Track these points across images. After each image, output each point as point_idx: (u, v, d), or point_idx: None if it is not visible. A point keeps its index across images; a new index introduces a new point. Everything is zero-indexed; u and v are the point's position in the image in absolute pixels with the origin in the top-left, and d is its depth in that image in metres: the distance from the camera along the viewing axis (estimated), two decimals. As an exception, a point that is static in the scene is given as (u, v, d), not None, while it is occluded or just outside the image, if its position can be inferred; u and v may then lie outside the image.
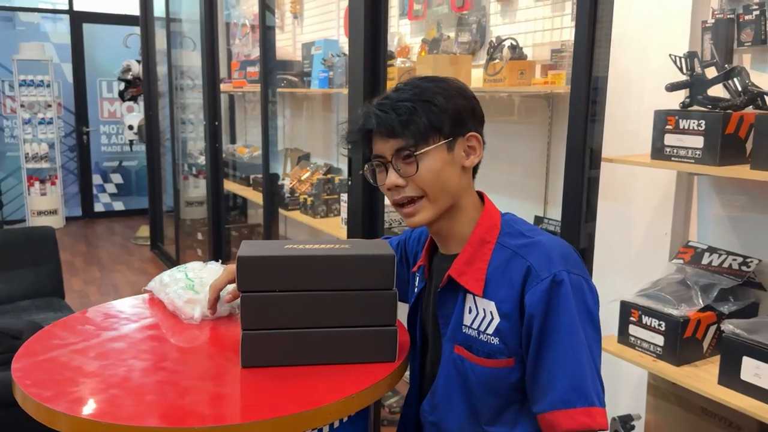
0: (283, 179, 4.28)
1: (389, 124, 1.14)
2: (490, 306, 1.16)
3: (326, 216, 3.70)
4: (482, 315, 1.17)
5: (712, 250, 1.93)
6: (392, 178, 1.17)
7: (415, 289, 1.36)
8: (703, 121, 1.61)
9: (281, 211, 4.02)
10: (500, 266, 1.17)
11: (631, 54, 2.14)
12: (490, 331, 1.16)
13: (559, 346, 1.09)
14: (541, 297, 1.11)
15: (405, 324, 1.39)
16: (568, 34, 2.50)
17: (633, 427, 2.08)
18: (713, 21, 1.90)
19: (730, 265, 1.86)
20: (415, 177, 1.16)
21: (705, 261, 1.92)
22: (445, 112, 1.16)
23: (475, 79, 2.65)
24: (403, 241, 1.48)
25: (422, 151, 1.15)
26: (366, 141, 1.21)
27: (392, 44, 3.25)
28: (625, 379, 2.23)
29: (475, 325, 1.17)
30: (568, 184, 1.52)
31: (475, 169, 1.27)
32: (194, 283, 1.41)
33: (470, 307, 1.18)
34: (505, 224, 1.22)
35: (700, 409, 1.93)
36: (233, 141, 5.83)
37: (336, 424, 1.13)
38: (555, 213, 2.73)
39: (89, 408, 1.05)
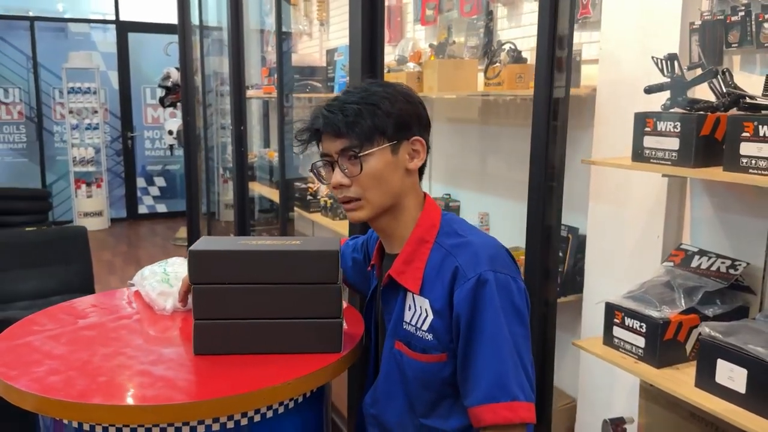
0: (319, 183, 4.36)
1: (335, 124, 1.20)
2: (425, 304, 1.20)
3: (345, 218, 3.76)
4: (419, 312, 1.21)
5: (702, 252, 1.92)
6: (337, 177, 1.22)
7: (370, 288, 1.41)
8: (679, 123, 1.61)
9: (303, 213, 4.11)
10: (435, 265, 1.21)
11: (622, 57, 2.14)
12: (425, 327, 1.20)
13: (484, 343, 1.13)
14: (467, 296, 1.15)
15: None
16: (568, 38, 2.51)
17: (624, 430, 2.07)
18: (701, 23, 1.89)
19: (718, 268, 1.85)
20: (359, 177, 1.21)
21: (694, 264, 1.91)
22: (389, 116, 1.21)
23: (481, 82, 2.67)
24: (365, 241, 1.53)
25: (366, 152, 1.20)
26: (317, 140, 1.27)
27: (406, 49, 3.31)
28: (621, 382, 2.23)
29: (413, 322, 1.22)
30: (531, 191, 1.54)
31: (421, 171, 1.30)
32: (169, 277, 1.49)
33: (410, 305, 1.23)
34: (445, 224, 1.26)
35: (688, 413, 1.92)
36: (267, 145, 5.97)
37: (289, 406, 1.19)
38: (557, 216, 2.73)
39: (45, 386, 1.14)
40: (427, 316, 1.20)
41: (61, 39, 7.60)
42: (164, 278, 1.49)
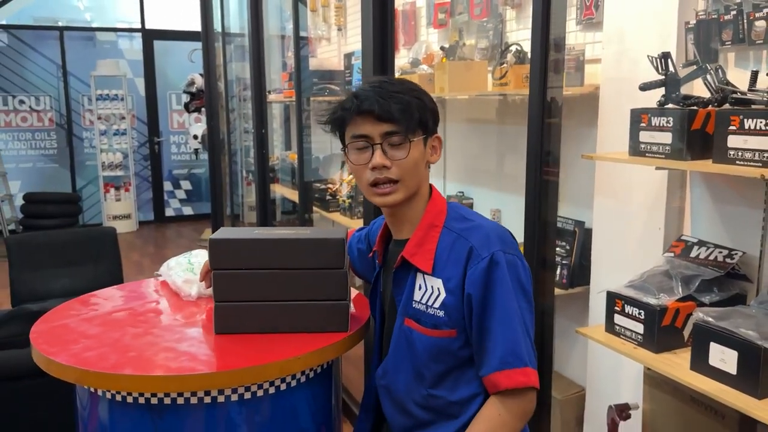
0: (340, 184, 4.47)
1: (388, 110, 1.27)
2: (438, 283, 1.30)
3: (362, 217, 3.87)
4: (430, 291, 1.31)
5: (701, 243, 1.99)
6: (380, 159, 1.29)
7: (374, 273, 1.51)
8: (671, 118, 1.69)
9: (323, 212, 4.23)
10: (447, 247, 1.31)
11: (623, 56, 2.22)
12: (437, 305, 1.30)
13: (497, 317, 1.24)
14: (480, 275, 1.26)
15: None
16: (573, 39, 2.59)
17: (629, 416, 2.13)
18: (695, 22, 1.97)
19: (716, 257, 1.91)
20: (401, 162, 1.30)
21: (693, 254, 1.98)
22: (430, 112, 1.34)
23: (491, 83, 2.76)
24: (367, 232, 1.64)
25: (413, 140, 1.30)
26: (342, 122, 1.34)
27: (420, 52, 3.41)
28: (626, 370, 2.29)
29: (423, 300, 1.32)
30: (528, 183, 1.64)
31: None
32: (194, 266, 1.62)
33: (420, 285, 1.33)
34: (451, 210, 1.36)
35: (689, 398, 1.99)
36: (288, 148, 6.11)
37: (301, 380, 1.31)
38: (564, 211, 2.80)
39: (82, 360, 1.27)
40: (439, 294, 1.29)
41: (89, 48, 7.84)
42: (189, 267, 1.62)
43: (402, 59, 3.65)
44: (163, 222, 8.33)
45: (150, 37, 7.99)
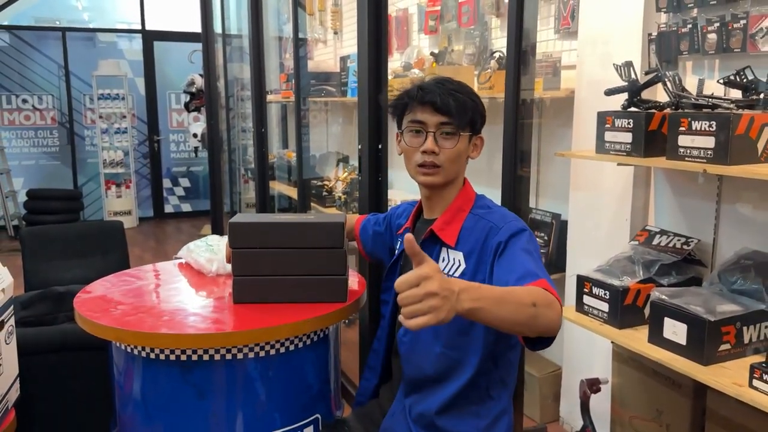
0: (336, 181, 4.67)
1: (447, 103, 1.49)
2: (459, 255, 1.51)
3: (356, 212, 4.08)
4: (452, 263, 1.52)
5: (663, 232, 2.22)
6: (431, 144, 1.51)
7: (396, 250, 1.73)
8: (631, 120, 1.91)
9: (320, 207, 4.43)
10: (470, 227, 1.52)
11: (595, 63, 2.44)
12: (457, 275, 1.50)
13: (519, 252, 1.40)
14: (501, 236, 1.44)
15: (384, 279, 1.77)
16: (551, 46, 2.82)
17: (599, 389, 2.35)
18: (657, 34, 2.19)
19: (674, 244, 2.14)
20: (448, 151, 1.51)
21: (655, 242, 2.20)
22: (480, 114, 1.55)
23: (477, 87, 2.98)
24: (389, 216, 1.87)
25: (462, 134, 1.52)
26: (404, 108, 1.55)
27: (412, 56, 3.62)
28: (598, 348, 2.52)
29: (445, 271, 1.52)
30: (504, 177, 1.86)
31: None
32: (213, 247, 1.85)
33: (443, 257, 1.54)
34: (478, 200, 1.59)
35: (651, 371, 2.21)
36: (285, 146, 6.31)
37: (306, 342, 1.52)
38: (545, 204, 3.03)
39: (122, 323, 1.50)
40: (459, 265, 1.50)
41: (90, 48, 8.02)
42: (209, 248, 1.86)
43: (395, 63, 3.86)
44: (162, 218, 8.52)
45: (150, 38, 8.17)
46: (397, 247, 1.74)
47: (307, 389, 1.60)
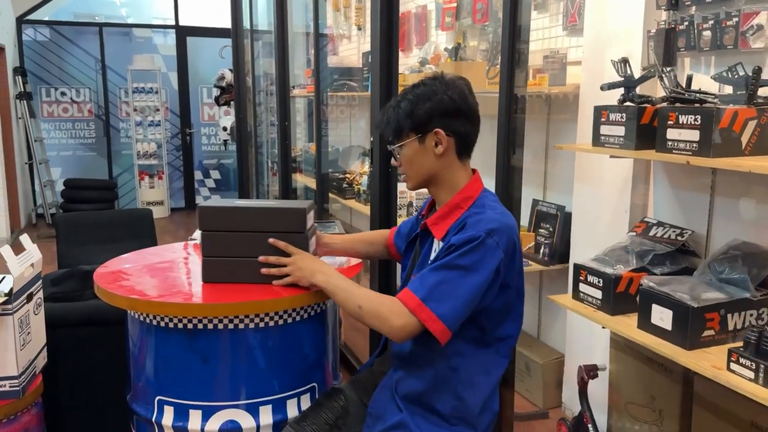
0: (360, 174, 4.76)
1: (381, 128, 1.65)
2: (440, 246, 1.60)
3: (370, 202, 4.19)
4: (437, 254, 1.60)
5: (660, 224, 2.28)
6: (394, 161, 1.67)
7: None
8: (624, 114, 1.98)
9: (339, 199, 4.55)
10: (458, 225, 1.56)
11: (599, 59, 2.51)
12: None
13: (437, 267, 1.48)
14: (454, 239, 1.50)
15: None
16: (560, 43, 2.89)
17: (597, 375, 2.43)
18: (655, 31, 2.26)
19: (669, 235, 2.20)
20: (401, 159, 1.62)
21: (652, 233, 2.27)
22: (409, 117, 1.57)
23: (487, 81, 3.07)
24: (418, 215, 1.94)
25: (396, 145, 1.62)
26: None
27: (429, 52, 3.72)
28: (598, 336, 2.59)
29: (431, 259, 1.62)
30: (498, 169, 1.95)
31: (468, 152, 1.64)
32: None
33: (435, 249, 1.65)
34: (479, 199, 1.61)
35: (646, 358, 2.28)
36: (311, 140, 6.44)
37: (303, 316, 1.65)
38: (552, 197, 3.10)
39: (135, 292, 1.64)
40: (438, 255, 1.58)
41: (126, 43, 8.28)
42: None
43: (414, 58, 3.96)
44: (193, 209, 8.74)
45: (183, 33, 8.40)
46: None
47: (304, 359, 1.71)
